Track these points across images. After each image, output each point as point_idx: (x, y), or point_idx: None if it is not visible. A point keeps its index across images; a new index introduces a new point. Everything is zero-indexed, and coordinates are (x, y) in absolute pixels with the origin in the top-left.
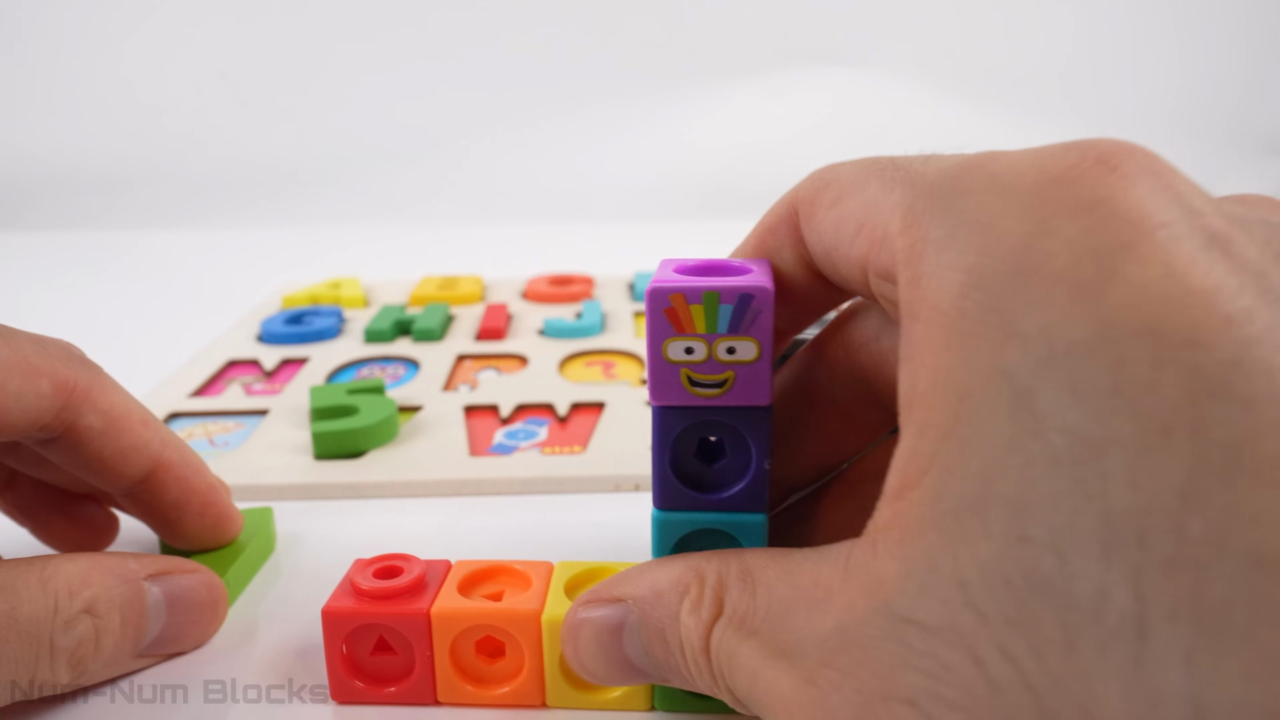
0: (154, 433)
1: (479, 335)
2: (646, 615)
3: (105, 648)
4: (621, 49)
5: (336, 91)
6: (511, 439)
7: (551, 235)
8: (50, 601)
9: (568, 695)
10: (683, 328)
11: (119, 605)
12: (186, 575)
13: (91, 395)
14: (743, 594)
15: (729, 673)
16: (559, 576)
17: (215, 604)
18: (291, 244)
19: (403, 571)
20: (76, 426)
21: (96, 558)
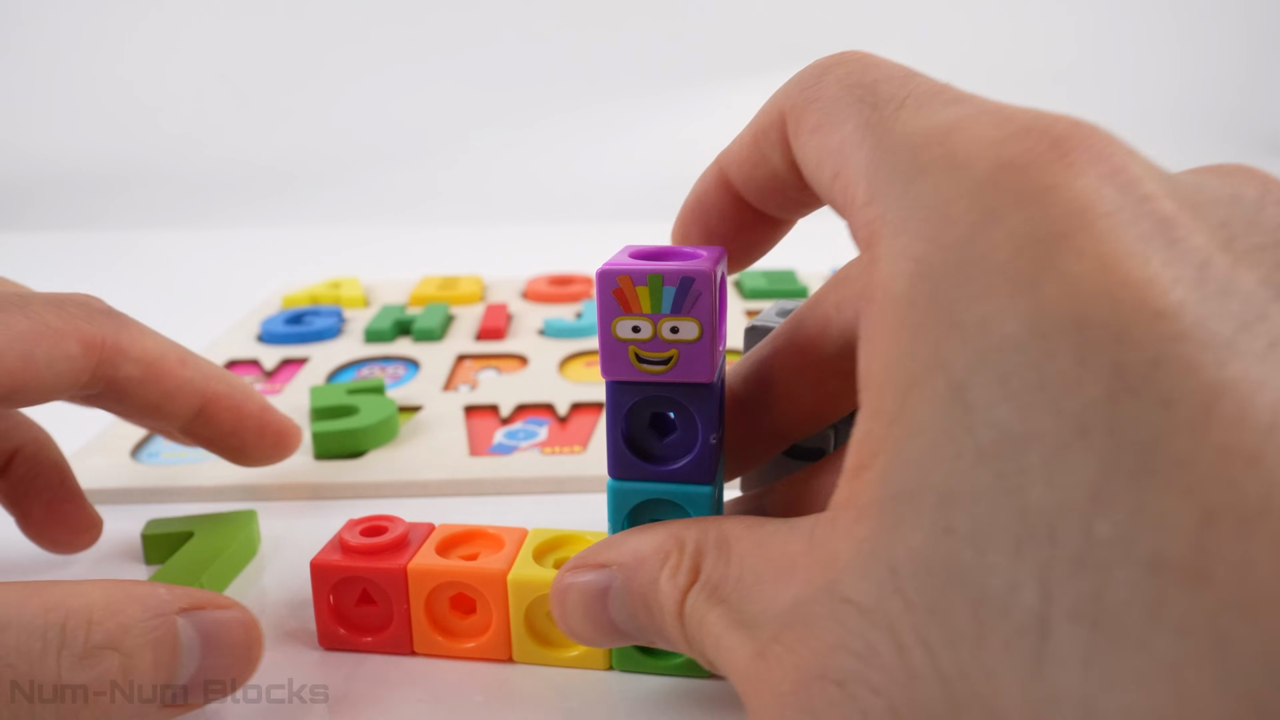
0: (194, 369)
1: (479, 335)
2: (629, 581)
3: (133, 687)
4: (621, 49)
5: (336, 91)
6: (512, 439)
7: (551, 235)
8: (55, 632)
9: (532, 651)
10: (629, 307)
11: (151, 643)
12: (222, 611)
13: (122, 345)
14: (718, 562)
15: (699, 638)
16: (530, 541)
17: (251, 645)
18: (291, 244)
19: (387, 530)
20: (115, 379)
21: (121, 584)
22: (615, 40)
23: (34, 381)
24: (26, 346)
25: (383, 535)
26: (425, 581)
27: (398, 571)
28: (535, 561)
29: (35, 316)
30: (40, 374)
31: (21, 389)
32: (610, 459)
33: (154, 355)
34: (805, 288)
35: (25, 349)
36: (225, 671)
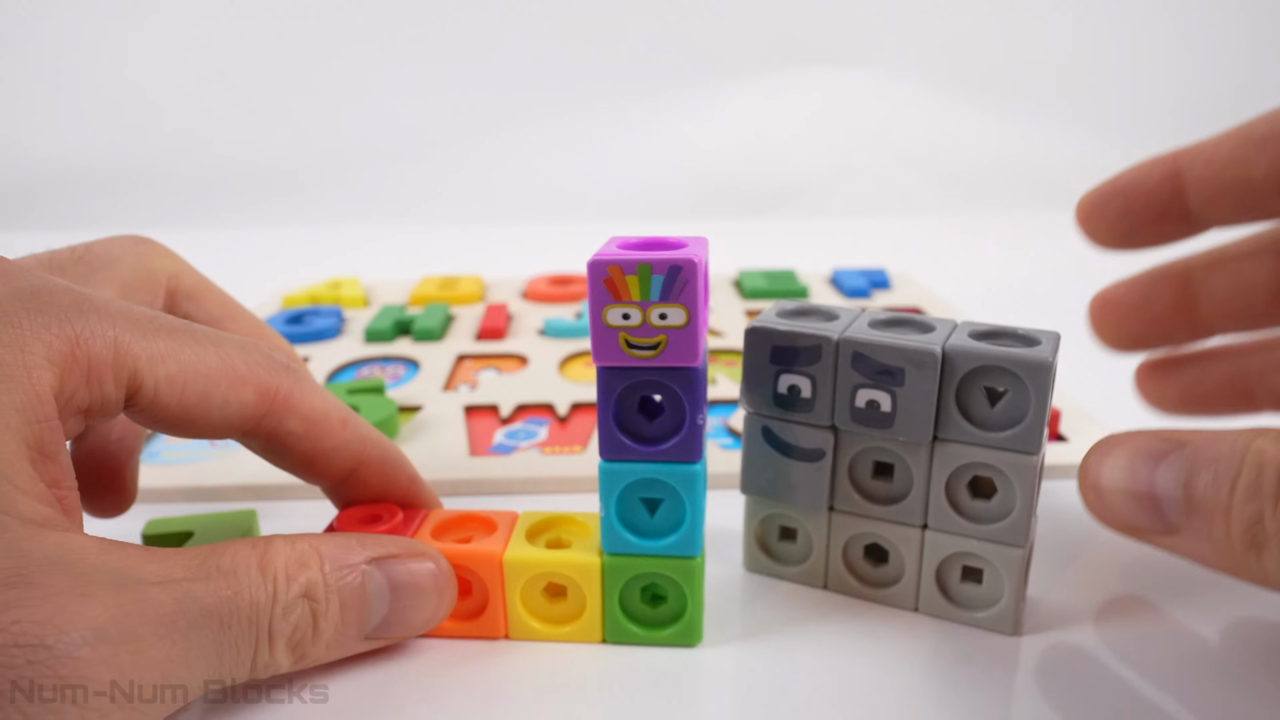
0: (353, 431)
1: (479, 335)
2: (1204, 449)
3: (324, 632)
4: (622, 49)
5: (337, 92)
6: (512, 439)
7: (551, 235)
8: (269, 587)
9: (527, 629)
10: (619, 296)
11: (337, 590)
12: (413, 560)
13: (292, 401)
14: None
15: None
16: (522, 524)
17: (441, 590)
18: (291, 244)
19: (383, 518)
20: (278, 432)
21: (318, 540)
22: (615, 41)
23: (203, 419)
24: (209, 384)
25: (380, 523)
26: None
27: None
28: (528, 542)
29: (225, 356)
30: (211, 413)
31: (191, 423)
32: (601, 441)
33: (319, 414)
34: (805, 288)
35: (207, 386)
36: (416, 614)
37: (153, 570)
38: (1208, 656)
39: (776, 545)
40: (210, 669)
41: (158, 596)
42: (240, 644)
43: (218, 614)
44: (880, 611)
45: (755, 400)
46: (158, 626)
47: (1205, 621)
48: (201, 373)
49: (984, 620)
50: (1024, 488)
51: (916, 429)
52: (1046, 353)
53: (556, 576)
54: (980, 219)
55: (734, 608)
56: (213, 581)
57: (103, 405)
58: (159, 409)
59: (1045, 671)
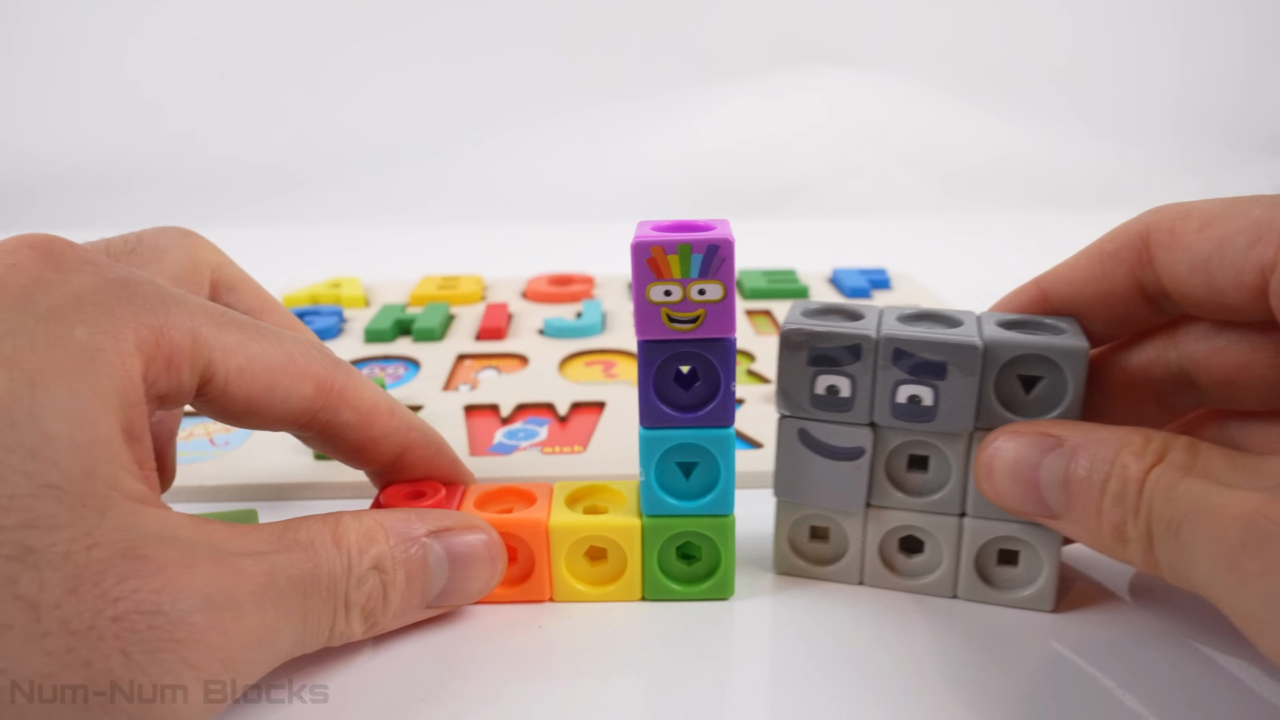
0: (400, 419)
1: (479, 335)
2: (1080, 450)
3: (393, 602)
4: (622, 49)
5: (337, 91)
6: (512, 439)
7: (551, 235)
8: (344, 559)
9: (571, 591)
10: (661, 274)
11: (403, 562)
12: (469, 533)
13: (346, 394)
14: (1185, 453)
15: (1161, 503)
16: (559, 493)
17: (494, 560)
18: (291, 244)
19: (427, 494)
20: (333, 424)
21: (381, 515)
22: (615, 41)
23: (266, 410)
24: (274, 378)
25: (425, 499)
26: None
27: None
28: (568, 509)
29: (287, 351)
30: (275, 405)
31: (254, 414)
32: (642, 410)
33: (369, 404)
34: (805, 287)
35: (272, 379)
36: (472, 582)
37: (240, 544)
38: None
39: (808, 546)
40: (296, 635)
41: (251, 568)
42: (321, 612)
43: (302, 584)
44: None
45: (792, 403)
46: (254, 595)
47: None
48: (268, 366)
49: (1024, 600)
50: None
51: (959, 420)
52: (1080, 339)
53: (599, 540)
54: (980, 219)
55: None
56: (294, 554)
57: (178, 393)
58: (227, 399)
59: (1084, 644)
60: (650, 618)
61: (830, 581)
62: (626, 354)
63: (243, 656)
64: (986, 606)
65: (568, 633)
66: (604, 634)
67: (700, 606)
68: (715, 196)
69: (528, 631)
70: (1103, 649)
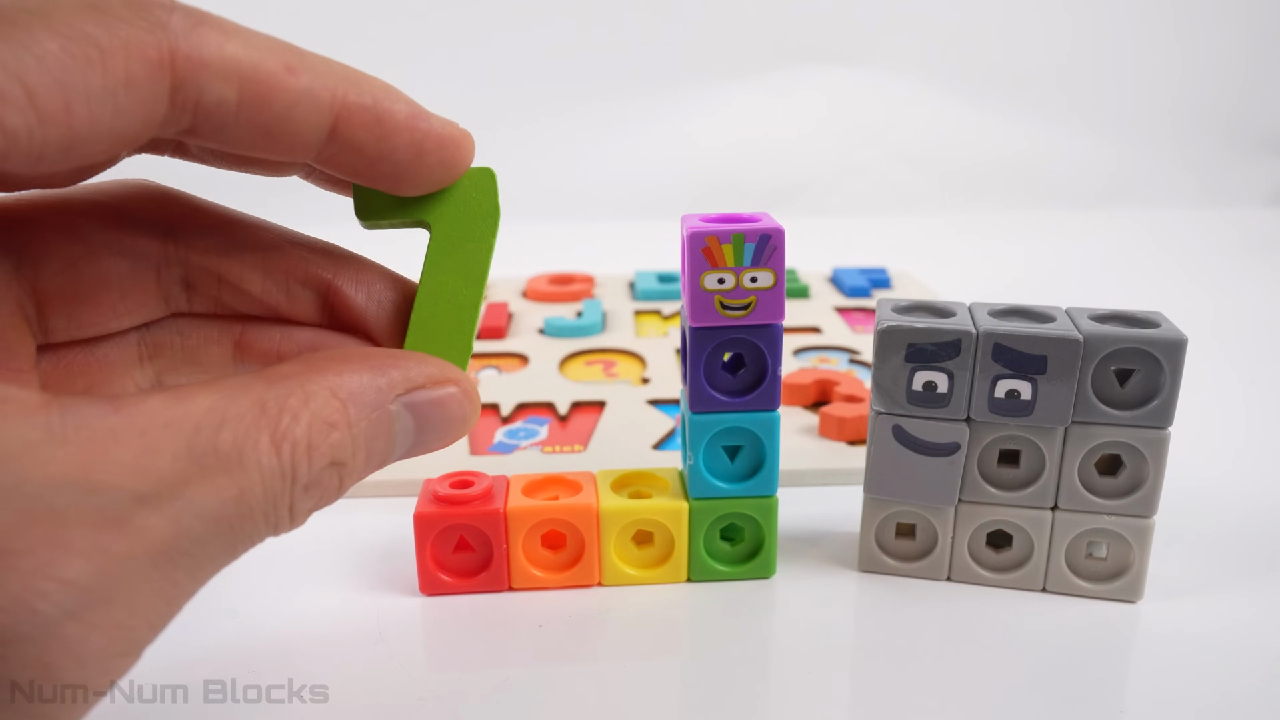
0: (311, 75)
1: (479, 334)
2: None
3: (346, 487)
4: (622, 48)
5: None
6: (512, 438)
7: (551, 235)
8: (288, 468)
9: (620, 574)
10: (716, 263)
11: (365, 442)
12: (439, 389)
13: (203, 55)
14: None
15: None
16: (603, 480)
17: (466, 417)
18: None
19: (474, 484)
20: (203, 106)
21: (337, 383)
22: (616, 40)
23: (84, 128)
24: (61, 77)
25: (469, 487)
26: (523, 521)
27: (498, 514)
28: (615, 494)
29: (67, 30)
30: (92, 116)
31: (71, 142)
32: (691, 395)
33: (248, 65)
34: (806, 286)
35: (59, 80)
36: (437, 442)
37: (138, 480)
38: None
39: (894, 543)
40: (217, 568)
41: (149, 524)
42: (254, 534)
43: (225, 520)
44: None
45: (889, 400)
46: (154, 559)
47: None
48: (41, 68)
49: (1114, 591)
50: (1156, 461)
51: (1056, 415)
52: (1177, 331)
53: (647, 523)
54: (980, 218)
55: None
56: (214, 479)
57: None
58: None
59: (1174, 635)
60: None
61: (915, 578)
62: (626, 353)
63: (145, 627)
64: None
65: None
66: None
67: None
68: (716, 196)
69: (528, 632)
70: (1192, 640)
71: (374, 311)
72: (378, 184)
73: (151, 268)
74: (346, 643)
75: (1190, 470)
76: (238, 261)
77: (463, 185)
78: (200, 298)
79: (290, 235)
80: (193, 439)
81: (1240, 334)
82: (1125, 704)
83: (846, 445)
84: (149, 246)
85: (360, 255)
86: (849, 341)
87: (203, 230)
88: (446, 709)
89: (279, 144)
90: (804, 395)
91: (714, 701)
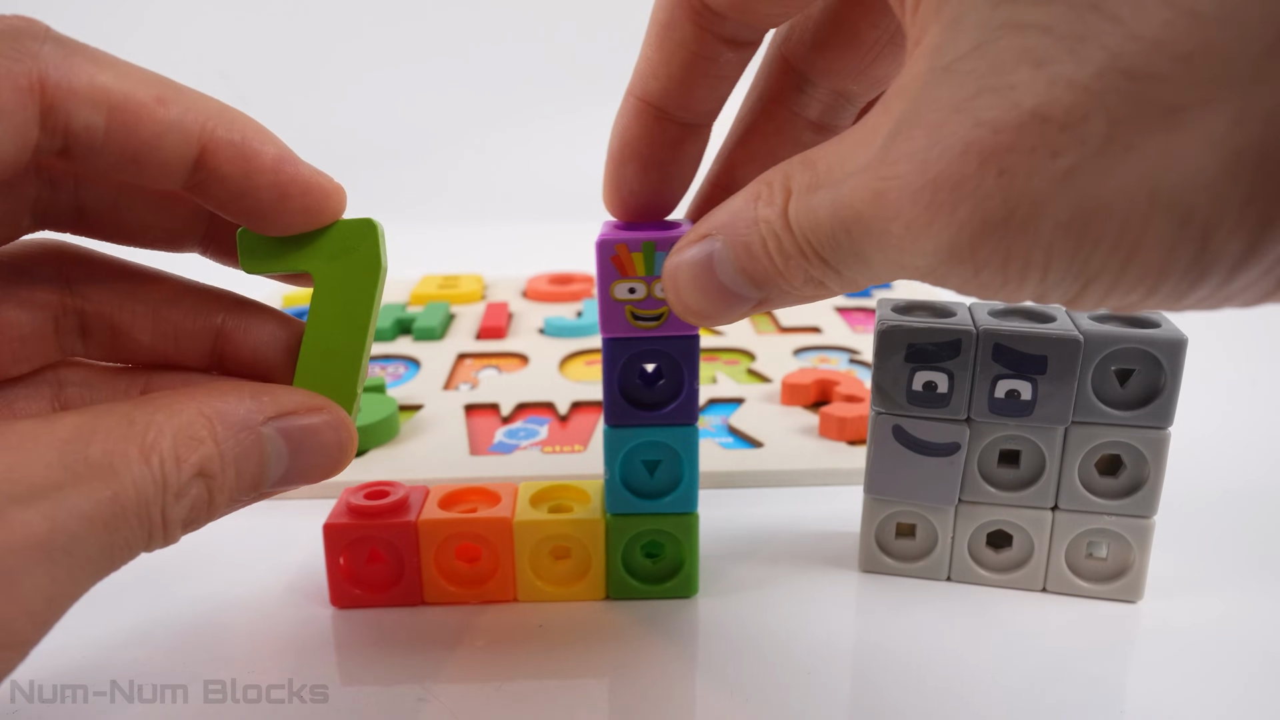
0: (181, 108)
1: (479, 334)
2: (730, 235)
3: (219, 505)
4: (622, 48)
5: (337, 90)
6: (512, 438)
7: (551, 235)
8: (158, 475)
9: (535, 590)
10: (626, 272)
11: (234, 460)
12: (311, 416)
13: (73, 84)
14: (804, 170)
15: (812, 231)
16: (524, 492)
17: (342, 445)
18: None
19: (389, 494)
20: (72, 132)
21: (205, 398)
22: (616, 39)
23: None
24: None
25: (386, 498)
26: (436, 534)
27: (409, 526)
28: (533, 508)
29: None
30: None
31: None
32: (606, 408)
33: (118, 95)
34: None
35: None
36: (313, 472)
37: (6, 484)
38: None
39: (894, 543)
40: (96, 573)
41: (25, 518)
42: (131, 540)
43: (100, 520)
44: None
45: (888, 400)
46: (31, 554)
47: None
48: None
49: (1114, 591)
50: (1156, 460)
51: (1057, 414)
52: (1177, 331)
53: (563, 538)
54: None
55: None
56: (88, 484)
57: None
58: None
59: (1170, 632)
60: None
61: (916, 578)
62: None
63: (28, 624)
64: (981, 589)
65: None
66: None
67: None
68: None
69: (529, 632)
70: (1192, 640)
71: (264, 356)
72: (243, 220)
73: (50, 318)
74: (346, 643)
75: (1190, 470)
76: (129, 312)
77: (343, 236)
78: (96, 346)
79: (186, 284)
80: (63, 450)
81: (1240, 334)
82: (1125, 704)
83: (846, 445)
84: (47, 298)
85: (253, 300)
86: (849, 341)
87: (98, 282)
88: (447, 710)
89: (147, 169)
90: (804, 395)
91: (714, 701)
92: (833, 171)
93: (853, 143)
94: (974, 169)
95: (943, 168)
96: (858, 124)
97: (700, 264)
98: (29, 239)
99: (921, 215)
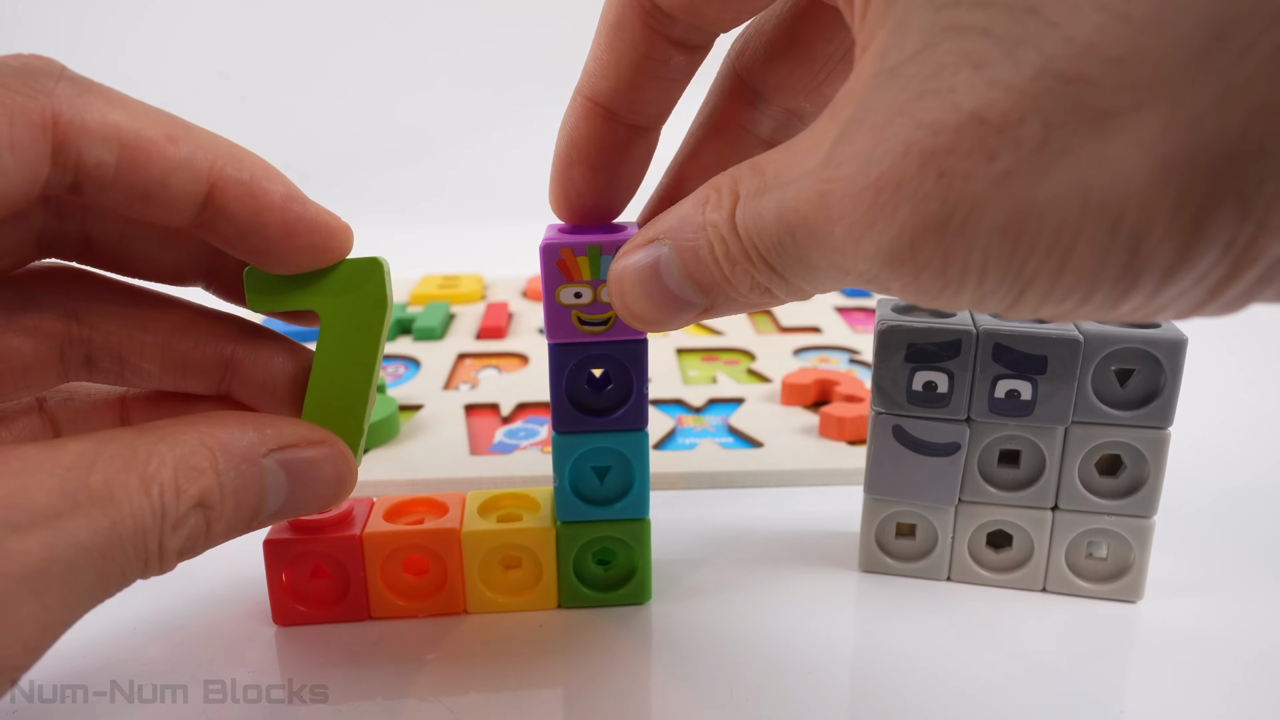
0: (191, 146)
1: (479, 334)
2: (678, 239)
3: (216, 535)
4: None
5: (337, 90)
6: (512, 438)
7: None
8: (157, 506)
9: (486, 601)
10: (571, 276)
11: (233, 491)
12: (313, 449)
13: (85, 122)
14: (752, 175)
15: (759, 235)
16: (472, 502)
17: (341, 479)
18: None
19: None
20: (84, 168)
21: (208, 428)
22: None
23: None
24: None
25: (327, 513)
26: (381, 547)
27: (353, 540)
28: (481, 518)
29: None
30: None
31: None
32: (554, 415)
33: (129, 133)
34: None
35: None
36: (311, 504)
37: (6, 510)
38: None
39: (894, 543)
40: (93, 601)
41: (23, 546)
42: (126, 569)
43: (97, 549)
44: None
45: (888, 400)
46: (28, 582)
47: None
48: None
49: (1114, 591)
50: (1156, 460)
51: (1057, 414)
52: (1177, 331)
53: (512, 548)
54: None
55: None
56: (86, 513)
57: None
58: None
59: (1170, 632)
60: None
61: (916, 578)
62: None
63: (20, 649)
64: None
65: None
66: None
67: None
68: None
69: (528, 632)
70: (1192, 640)
71: (273, 386)
72: (251, 257)
73: (55, 347)
74: (348, 643)
75: (1190, 470)
76: (138, 343)
77: (349, 275)
78: (103, 375)
79: (195, 312)
80: (65, 477)
81: (1240, 334)
82: (1125, 704)
83: (846, 445)
84: (53, 326)
85: (263, 328)
86: (849, 341)
87: (106, 310)
88: (448, 710)
89: (156, 206)
90: (804, 395)
91: (672, 707)
92: (780, 176)
93: (801, 148)
94: (915, 170)
95: (884, 169)
96: (807, 130)
97: (646, 269)
98: (35, 265)
99: (863, 217)
